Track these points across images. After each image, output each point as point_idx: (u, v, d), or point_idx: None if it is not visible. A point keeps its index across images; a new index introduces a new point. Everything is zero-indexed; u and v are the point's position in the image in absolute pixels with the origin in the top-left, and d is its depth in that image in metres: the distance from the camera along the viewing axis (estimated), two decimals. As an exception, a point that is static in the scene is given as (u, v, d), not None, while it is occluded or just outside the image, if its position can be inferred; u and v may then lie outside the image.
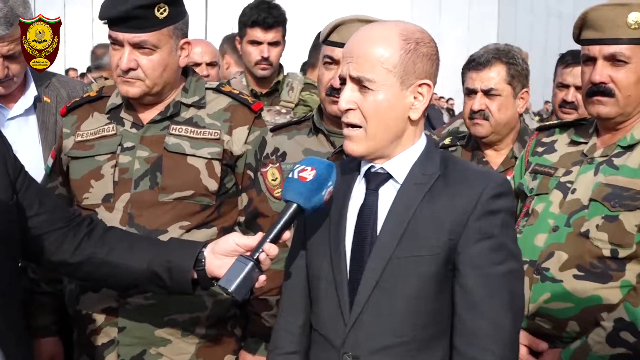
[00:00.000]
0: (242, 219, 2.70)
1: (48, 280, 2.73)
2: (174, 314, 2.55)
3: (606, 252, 2.45)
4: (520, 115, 3.45)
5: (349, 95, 1.99)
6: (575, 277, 2.47)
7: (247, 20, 4.35)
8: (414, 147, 2.06)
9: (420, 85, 2.00)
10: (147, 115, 2.65)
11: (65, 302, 2.71)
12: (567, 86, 3.80)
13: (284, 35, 4.42)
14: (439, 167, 2.04)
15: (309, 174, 1.99)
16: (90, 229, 2.31)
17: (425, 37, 2.02)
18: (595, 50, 2.54)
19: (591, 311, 2.45)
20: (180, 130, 2.61)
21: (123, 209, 2.55)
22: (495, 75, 3.29)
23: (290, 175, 2.02)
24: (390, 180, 2.05)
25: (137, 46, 2.53)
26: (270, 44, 4.35)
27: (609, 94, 2.53)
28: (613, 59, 2.52)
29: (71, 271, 2.34)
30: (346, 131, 2.02)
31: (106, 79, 4.75)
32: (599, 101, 2.54)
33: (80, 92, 3.09)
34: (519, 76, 3.32)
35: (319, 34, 5.28)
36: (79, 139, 2.67)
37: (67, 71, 12.12)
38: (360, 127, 2.00)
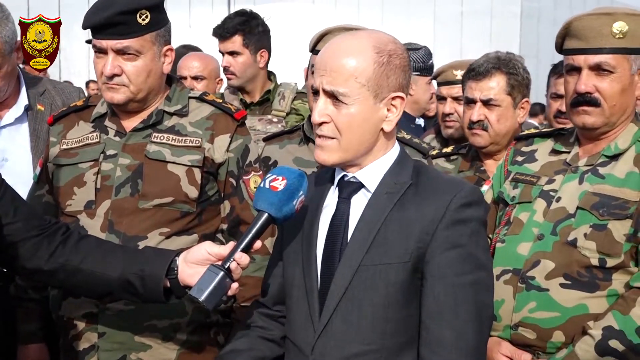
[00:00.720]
0: (224, 226, 2.72)
1: (35, 287, 2.76)
2: (153, 320, 2.56)
3: (594, 261, 2.42)
4: (521, 125, 3.42)
5: (323, 108, 2.00)
6: (562, 285, 2.45)
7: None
8: (386, 157, 2.06)
9: (393, 98, 2.00)
10: (130, 124, 2.68)
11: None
12: (561, 96, 3.76)
13: (247, 45, 4.38)
14: (411, 176, 2.04)
15: (280, 184, 2.01)
16: (66, 237, 2.33)
17: (397, 48, 2.01)
18: (580, 59, 2.52)
19: (577, 321, 2.42)
20: (162, 138, 2.63)
21: (104, 216, 2.57)
22: (494, 86, 3.28)
23: (261, 185, 2.03)
24: (362, 189, 2.06)
25: (120, 52, 2.56)
26: (230, 53, 4.38)
27: (595, 103, 2.50)
28: (598, 69, 2.50)
29: (46, 278, 2.37)
30: (318, 140, 2.03)
31: None
32: (585, 111, 2.52)
33: (77, 99, 3.13)
34: (519, 86, 3.31)
35: None
36: (64, 147, 2.71)
37: (87, 83, 12.19)
38: (334, 138, 2.00)
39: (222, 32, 4.37)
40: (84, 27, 2.59)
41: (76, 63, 13.95)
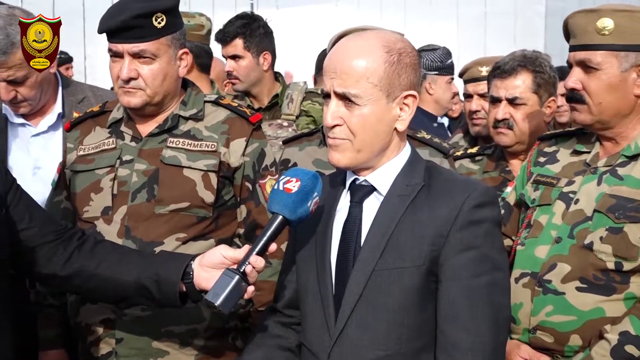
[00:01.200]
0: (241, 230, 2.71)
1: (54, 294, 2.77)
2: (171, 326, 2.56)
3: (610, 265, 2.39)
4: (547, 124, 3.37)
5: (335, 111, 1.98)
6: (578, 289, 2.42)
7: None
8: (397, 158, 2.04)
9: (405, 96, 1.98)
10: (146, 129, 2.68)
11: (69, 314, 2.74)
12: None
13: (248, 47, 4.34)
14: (423, 178, 2.01)
15: (294, 186, 1.99)
16: (81, 242, 2.33)
17: (407, 47, 2.00)
18: (570, 56, 2.53)
19: (594, 324, 2.39)
20: (178, 142, 2.63)
21: (120, 222, 2.57)
22: (520, 84, 3.24)
23: (275, 187, 2.02)
24: (375, 193, 2.03)
25: (136, 56, 2.56)
26: (232, 57, 4.36)
27: (581, 100, 2.49)
28: (584, 66, 2.49)
29: (61, 284, 2.37)
30: (331, 141, 2.01)
31: None
32: (574, 108, 2.52)
33: None
34: (545, 84, 3.26)
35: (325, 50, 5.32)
36: (81, 153, 2.72)
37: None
38: (347, 139, 1.99)
39: (223, 36, 4.36)
40: (100, 31, 2.60)
41: (100, 69, 14.08)
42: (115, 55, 2.60)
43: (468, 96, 4.03)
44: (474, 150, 3.56)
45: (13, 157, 3.12)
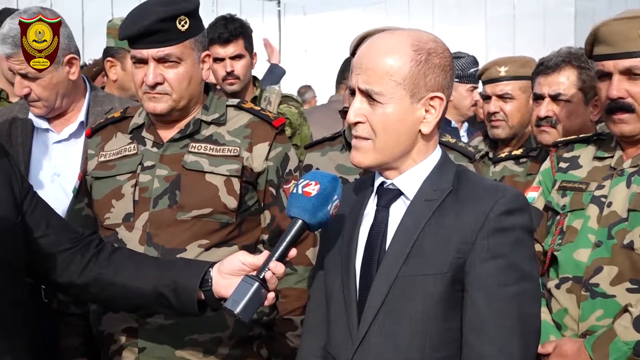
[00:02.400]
0: (265, 236, 2.66)
1: (76, 302, 2.72)
2: (194, 334, 2.51)
3: None
4: (594, 123, 3.23)
5: (358, 107, 1.93)
6: (629, 290, 2.38)
7: (207, 39, 4.41)
8: (426, 162, 1.97)
9: (432, 98, 1.91)
10: (167, 134, 2.64)
11: (92, 323, 2.71)
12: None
13: (247, 48, 4.41)
14: (452, 182, 1.94)
15: (313, 189, 1.94)
16: (98, 249, 2.30)
17: (438, 47, 1.93)
18: (609, 65, 2.47)
19: None
20: (200, 147, 2.59)
21: (142, 228, 2.54)
22: (564, 80, 3.13)
23: (294, 191, 1.97)
24: (402, 197, 1.97)
25: (161, 60, 2.53)
26: (232, 57, 4.38)
27: (629, 109, 2.45)
28: (629, 73, 2.45)
29: (78, 292, 2.33)
30: (354, 141, 1.96)
31: None
32: (621, 120, 2.47)
33: None
34: (591, 81, 3.11)
35: (348, 58, 5.35)
36: (102, 159, 2.69)
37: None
38: (369, 139, 1.93)
39: (228, 35, 4.37)
40: (122, 37, 2.57)
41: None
42: (139, 61, 2.56)
43: (486, 97, 3.92)
44: (518, 152, 3.47)
45: (35, 162, 3.10)
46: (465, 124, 5.21)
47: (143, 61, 2.55)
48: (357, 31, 3.60)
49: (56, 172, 3.12)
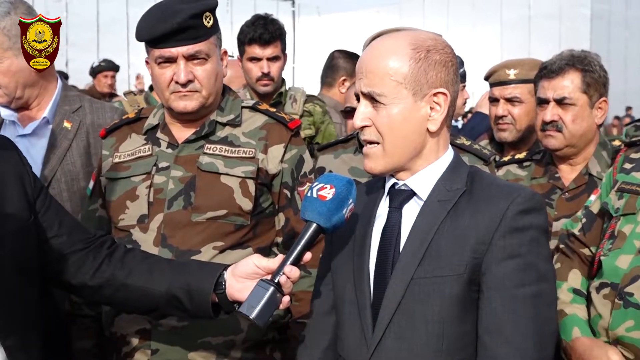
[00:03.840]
0: (279, 239, 2.64)
1: (89, 304, 2.71)
2: (208, 337, 2.49)
3: None
4: (599, 126, 3.21)
5: (363, 112, 1.93)
6: None
7: (245, 37, 4.43)
8: (438, 162, 1.96)
9: (435, 94, 1.90)
10: (183, 135, 2.62)
11: (105, 325, 2.69)
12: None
13: (283, 50, 4.47)
14: (465, 183, 1.93)
15: (329, 193, 1.92)
16: (111, 251, 2.28)
17: (438, 44, 1.92)
18: None
19: None
20: (215, 149, 2.57)
21: (157, 230, 2.52)
22: (569, 84, 3.09)
23: (308, 194, 1.95)
24: (414, 197, 1.96)
25: (191, 58, 2.52)
26: (270, 59, 4.40)
27: None
28: None
29: (91, 294, 2.31)
30: (365, 149, 1.96)
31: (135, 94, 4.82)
32: None
33: (109, 119, 3.05)
34: (595, 84, 3.09)
35: (331, 54, 5.38)
36: (117, 160, 2.67)
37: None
38: (377, 143, 1.92)
39: (269, 37, 4.38)
40: (148, 38, 2.52)
41: (145, 77, 14.19)
42: (166, 61, 2.54)
43: (494, 100, 3.86)
44: (522, 155, 3.42)
45: None
46: (460, 122, 5.16)
47: (171, 60, 2.53)
48: (371, 32, 3.60)
49: None
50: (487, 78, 3.94)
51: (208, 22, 2.53)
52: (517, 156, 3.41)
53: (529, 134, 3.80)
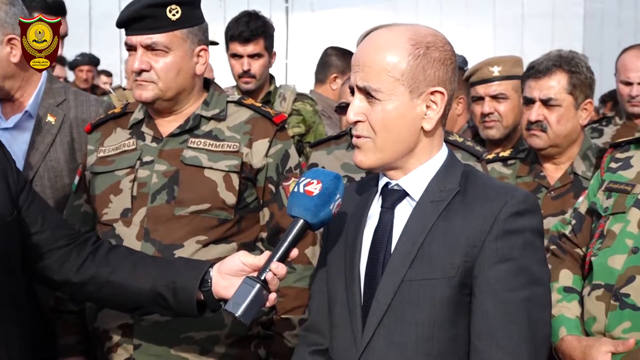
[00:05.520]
0: (264, 234, 2.63)
1: (74, 300, 2.68)
2: (191, 332, 2.48)
3: None
4: (583, 127, 3.24)
5: (357, 106, 1.88)
6: None
7: (227, 34, 4.44)
8: (431, 161, 1.92)
9: (432, 93, 1.86)
10: (167, 129, 2.61)
11: (88, 320, 2.68)
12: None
13: (267, 47, 4.42)
14: (459, 183, 1.89)
15: (315, 188, 1.89)
16: (95, 247, 2.26)
17: (437, 41, 1.87)
18: None
19: None
20: (199, 143, 2.56)
21: (140, 224, 2.51)
22: (555, 84, 3.10)
23: (295, 189, 1.92)
24: (407, 198, 1.92)
25: (149, 48, 2.51)
26: (251, 56, 4.39)
27: None
28: None
29: (74, 291, 2.29)
30: (355, 141, 1.91)
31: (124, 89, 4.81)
32: None
33: (93, 113, 3.04)
34: (581, 86, 3.12)
35: (325, 51, 5.38)
36: (101, 154, 2.66)
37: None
38: (369, 138, 1.88)
39: (249, 34, 4.37)
40: (117, 24, 2.55)
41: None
42: (130, 48, 2.55)
43: (478, 99, 3.83)
44: (506, 153, 3.42)
45: None
46: None
47: (133, 48, 2.53)
48: (365, 29, 3.59)
49: None
50: (468, 78, 3.91)
51: (173, 15, 2.50)
52: (502, 154, 3.41)
53: (513, 131, 3.80)
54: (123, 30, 2.58)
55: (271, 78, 4.61)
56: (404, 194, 1.92)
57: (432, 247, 1.83)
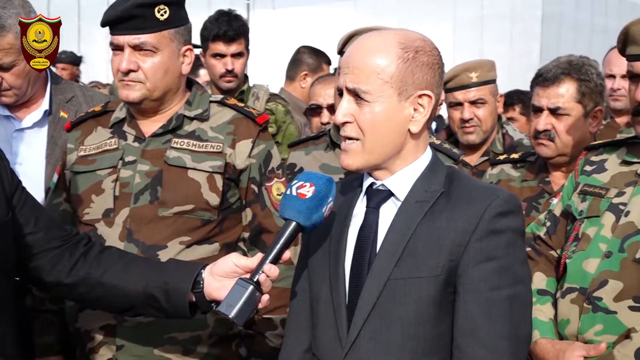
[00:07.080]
0: (246, 234, 2.63)
1: (53, 299, 2.67)
2: (174, 332, 2.48)
3: None
4: (593, 135, 3.18)
5: (346, 107, 1.90)
6: (632, 308, 2.28)
7: (209, 34, 4.43)
8: (417, 163, 1.95)
9: (420, 96, 1.89)
10: (149, 129, 2.60)
11: (67, 320, 2.65)
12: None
13: (246, 46, 4.48)
14: (444, 184, 1.92)
15: (308, 191, 1.91)
16: (87, 248, 2.25)
17: (426, 45, 1.91)
18: (638, 66, 2.37)
19: None
20: (182, 143, 2.55)
21: (122, 224, 2.49)
22: (564, 93, 3.04)
23: (288, 192, 1.93)
24: (392, 198, 1.95)
25: (137, 48, 2.50)
26: (234, 55, 4.42)
27: None
28: None
29: (66, 292, 2.27)
30: (343, 144, 1.94)
31: None
32: None
33: None
34: (591, 93, 3.05)
35: (297, 49, 5.42)
36: (82, 153, 2.64)
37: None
38: (357, 139, 1.91)
39: (234, 34, 4.38)
40: (102, 23, 2.53)
41: (96, 67, 13.96)
42: (116, 48, 2.53)
43: (456, 104, 3.87)
44: (516, 155, 3.40)
45: None
46: (434, 124, 5.18)
47: (119, 48, 2.52)
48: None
49: (18, 161, 3.02)
50: (446, 83, 3.90)
51: (162, 15, 2.50)
52: (513, 156, 3.40)
53: (491, 134, 3.85)
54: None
55: (245, 77, 4.63)
56: (389, 194, 1.95)
57: (418, 246, 1.86)
